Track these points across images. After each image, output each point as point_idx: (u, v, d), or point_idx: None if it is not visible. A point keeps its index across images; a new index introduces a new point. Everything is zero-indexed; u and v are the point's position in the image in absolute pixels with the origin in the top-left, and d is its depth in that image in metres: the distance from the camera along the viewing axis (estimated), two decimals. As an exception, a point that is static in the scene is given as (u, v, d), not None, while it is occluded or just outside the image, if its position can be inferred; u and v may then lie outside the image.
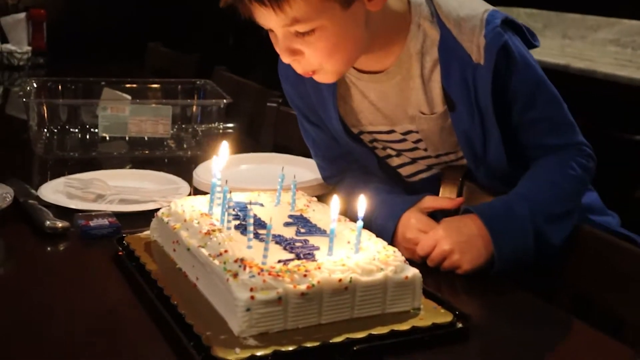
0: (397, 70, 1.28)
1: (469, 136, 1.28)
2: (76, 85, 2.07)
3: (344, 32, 1.15)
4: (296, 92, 1.43)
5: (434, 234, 1.21)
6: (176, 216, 1.12)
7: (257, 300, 0.88)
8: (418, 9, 1.25)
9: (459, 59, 1.22)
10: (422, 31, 1.25)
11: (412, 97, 1.30)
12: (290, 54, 1.18)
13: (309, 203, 1.22)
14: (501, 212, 1.21)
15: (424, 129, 1.32)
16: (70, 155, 1.83)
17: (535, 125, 1.29)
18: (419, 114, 1.31)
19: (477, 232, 1.19)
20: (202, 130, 1.96)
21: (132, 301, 1.05)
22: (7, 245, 1.27)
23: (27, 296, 1.08)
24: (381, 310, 0.97)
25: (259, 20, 1.17)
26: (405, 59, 1.26)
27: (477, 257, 1.19)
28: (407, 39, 1.25)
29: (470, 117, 1.25)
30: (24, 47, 3.20)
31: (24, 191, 1.42)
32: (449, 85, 1.24)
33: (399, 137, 1.37)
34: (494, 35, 1.20)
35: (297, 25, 1.13)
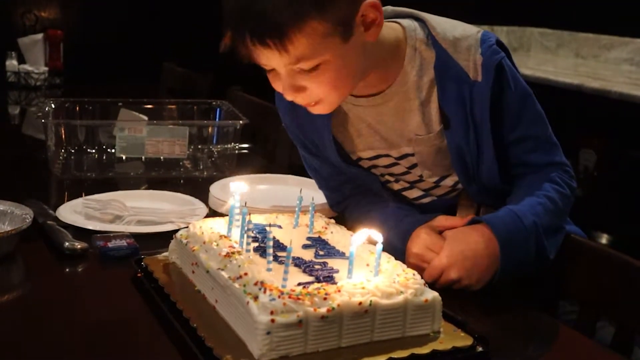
0: (394, 93, 1.30)
1: (462, 153, 1.30)
2: (93, 106, 2.09)
3: (346, 64, 1.18)
4: (293, 122, 1.44)
5: (438, 263, 1.21)
6: (195, 238, 1.13)
7: (278, 324, 0.88)
8: (413, 33, 1.28)
9: (455, 77, 1.25)
10: (418, 54, 1.28)
11: (409, 119, 1.31)
12: (294, 91, 1.20)
13: (327, 225, 1.22)
14: (510, 223, 1.22)
15: (420, 150, 1.34)
16: (87, 175, 1.84)
17: (521, 143, 1.31)
18: (415, 137, 1.32)
19: (484, 251, 1.20)
20: (218, 151, 1.97)
21: (151, 323, 1.05)
22: (27, 266, 1.27)
23: (47, 316, 1.08)
24: (401, 334, 0.97)
25: (261, 61, 1.18)
26: (402, 82, 1.29)
27: (485, 276, 1.21)
28: (405, 62, 1.28)
29: (465, 134, 1.28)
30: (41, 68, 3.23)
31: (42, 212, 1.43)
32: (445, 103, 1.27)
33: (393, 162, 1.38)
34: (491, 52, 1.24)
35: (301, 63, 1.15)
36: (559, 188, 1.30)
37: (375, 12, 1.18)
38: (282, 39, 1.11)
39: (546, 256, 1.25)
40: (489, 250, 1.20)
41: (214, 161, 1.97)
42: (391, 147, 1.36)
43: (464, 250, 1.21)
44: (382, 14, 1.19)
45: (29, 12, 3.90)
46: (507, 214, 1.25)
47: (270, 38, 1.11)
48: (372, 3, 1.17)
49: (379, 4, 1.19)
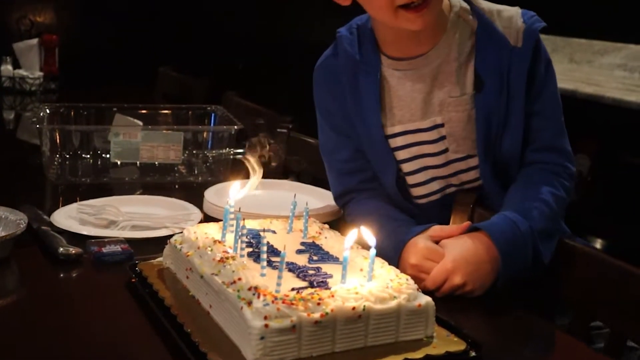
0: (436, 55, 1.35)
1: (490, 119, 1.33)
2: (88, 111, 2.09)
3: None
4: (331, 95, 1.46)
5: (443, 268, 1.21)
6: (189, 243, 1.13)
7: (271, 329, 0.88)
8: (457, 2, 1.37)
9: (495, 43, 1.32)
10: (461, 21, 1.36)
11: (445, 81, 1.36)
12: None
13: (321, 230, 1.22)
14: (508, 232, 1.24)
15: (451, 118, 1.36)
16: (82, 180, 1.84)
17: (534, 117, 1.35)
18: (448, 99, 1.35)
19: (485, 256, 1.21)
20: (212, 156, 1.97)
21: (145, 328, 1.05)
22: (21, 271, 1.27)
23: (41, 322, 1.08)
24: (394, 339, 0.98)
25: None
26: (444, 45, 1.35)
27: (488, 282, 1.22)
28: (448, 26, 1.35)
29: (496, 98, 1.32)
30: (36, 73, 3.24)
31: (37, 217, 1.43)
32: (482, 68, 1.33)
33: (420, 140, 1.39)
34: (533, 20, 1.32)
35: None
36: (554, 191, 1.32)
37: None
38: None
39: (541, 260, 1.25)
40: (490, 256, 1.21)
41: (209, 166, 1.97)
42: (423, 116, 1.38)
43: (467, 256, 1.21)
44: None
45: (24, 17, 3.90)
46: (503, 220, 1.26)
47: None
48: None
49: None
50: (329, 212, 1.56)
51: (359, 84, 1.40)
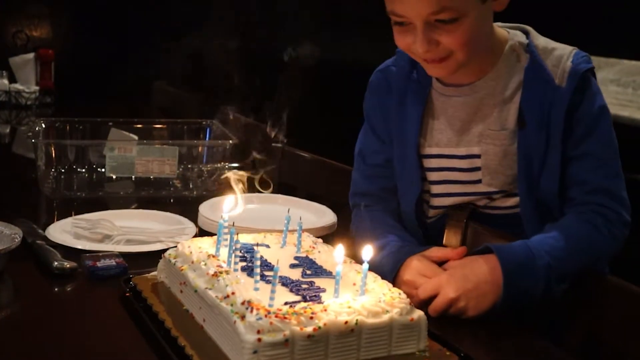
0: (483, 86, 1.36)
1: (531, 157, 1.32)
2: (84, 126, 2.10)
3: (478, 24, 1.26)
4: (379, 102, 1.49)
5: (437, 279, 1.21)
6: (183, 257, 1.13)
7: (264, 343, 0.89)
8: (514, 36, 1.37)
9: (541, 81, 1.31)
10: (514, 54, 1.35)
11: (488, 113, 1.36)
12: (428, 44, 1.25)
13: (315, 244, 1.23)
14: (521, 259, 1.21)
15: (488, 150, 1.36)
16: (77, 195, 1.85)
17: (583, 159, 1.31)
18: (487, 131, 1.35)
19: (487, 276, 1.19)
20: (207, 170, 1.98)
21: (139, 342, 1.05)
22: (16, 285, 1.27)
23: (35, 336, 1.08)
24: (387, 352, 0.98)
25: (401, 9, 1.24)
26: (493, 76, 1.35)
27: (483, 303, 1.19)
28: (501, 58, 1.35)
29: (537, 136, 1.31)
30: (32, 87, 3.25)
31: (32, 232, 1.44)
32: (526, 104, 1.32)
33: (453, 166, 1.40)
34: (581, 61, 1.31)
35: (443, 13, 1.22)
36: (594, 233, 1.28)
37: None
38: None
39: (552, 297, 1.22)
40: (492, 277, 1.19)
41: (204, 180, 1.98)
42: (459, 143, 1.39)
43: (467, 273, 1.21)
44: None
45: (20, 31, 3.91)
46: (520, 247, 1.24)
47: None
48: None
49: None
50: (323, 226, 1.57)
51: (406, 99, 1.43)
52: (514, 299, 1.19)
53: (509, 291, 1.18)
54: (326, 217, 1.64)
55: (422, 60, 1.32)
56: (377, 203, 1.49)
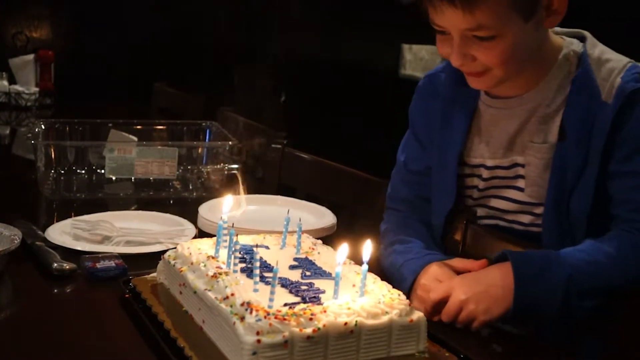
0: (532, 98, 1.31)
1: (564, 170, 1.26)
2: (83, 127, 2.10)
3: (518, 43, 1.21)
4: (424, 107, 1.46)
5: (449, 282, 1.19)
6: (183, 259, 1.14)
7: (264, 344, 0.89)
8: (569, 43, 1.30)
9: (588, 94, 1.25)
10: (567, 66, 1.29)
11: (534, 125, 1.31)
12: (462, 58, 1.23)
13: (314, 245, 1.23)
14: (538, 267, 1.17)
15: (530, 161, 1.31)
16: (76, 196, 1.85)
17: (629, 178, 1.23)
18: (530, 144, 1.31)
19: (499, 280, 1.16)
20: (207, 172, 1.98)
21: (138, 343, 1.05)
22: (15, 287, 1.28)
23: (35, 337, 1.08)
24: (386, 354, 0.98)
25: (439, 20, 1.21)
26: (543, 88, 1.30)
27: (494, 308, 1.15)
28: (552, 70, 1.29)
29: (575, 150, 1.25)
30: (32, 88, 3.25)
31: (31, 233, 1.44)
32: (569, 118, 1.26)
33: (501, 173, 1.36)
34: (631, 79, 1.23)
35: (479, 31, 1.18)
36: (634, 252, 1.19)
37: (562, 3, 1.21)
38: (471, 1, 1.14)
39: (573, 315, 1.16)
40: (503, 282, 1.16)
41: (204, 182, 1.98)
42: (504, 155, 1.35)
43: (479, 277, 1.19)
44: (565, 5, 1.21)
45: (20, 32, 3.91)
46: (540, 254, 1.20)
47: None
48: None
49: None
50: (322, 227, 1.57)
51: (453, 107, 1.39)
52: (527, 308, 1.14)
53: (521, 299, 1.14)
54: (325, 219, 1.64)
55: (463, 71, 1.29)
56: (411, 210, 1.47)
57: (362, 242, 1.07)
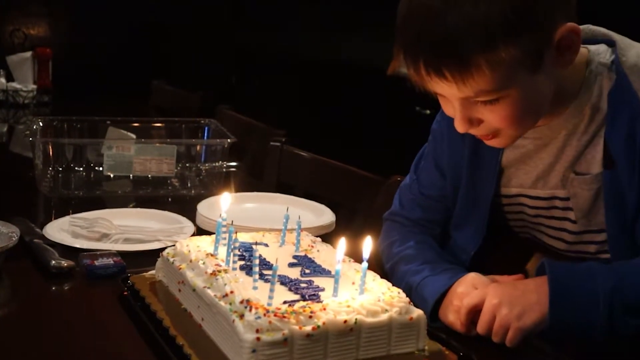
0: (563, 125, 1.14)
1: (623, 199, 1.10)
2: (82, 124, 2.09)
3: (530, 97, 1.05)
4: (449, 150, 1.31)
5: (484, 288, 1.11)
6: (182, 256, 1.13)
7: (263, 342, 0.88)
8: (596, 57, 1.13)
9: (629, 109, 1.08)
10: (598, 81, 1.12)
11: (572, 154, 1.15)
12: (468, 124, 1.08)
13: (314, 243, 1.23)
14: (575, 277, 1.06)
15: (576, 193, 1.16)
16: (74, 194, 1.84)
17: None
18: (572, 176, 1.16)
19: (535, 287, 1.07)
20: (206, 169, 1.98)
21: (137, 341, 1.05)
22: (13, 285, 1.27)
23: (33, 335, 1.08)
24: (386, 352, 0.98)
25: (433, 89, 1.07)
26: (574, 113, 1.13)
27: (529, 313, 1.05)
28: (581, 91, 1.12)
29: (629, 175, 1.09)
30: (30, 86, 3.25)
31: (29, 230, 1.43)
32: (612, 138, 1.09)
33: (542, 204, 1.22)
34: None
35: (481, 96, 1.04)
36: None
37: (574, 37, 1.03)
38: (462, 71, 0.99)
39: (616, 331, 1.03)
40: (540, 289, 1.06)
41: (202, 179, 1.97)
42: (544, 186, 1.20)
43: (516, 284, 1.11)
44: (580, 39, 1.05)
45: (17, 30, 3.91)
46: (581, 266, 1.08)
47: (448, 69, 0.99)
48: (572, 27, 1.02)
49: (579, 29, 1.04)
50: (321, 225, 1.57)
51: (481, 147, 1.23)
52: (565, 320, 1.04)
53: (558, 308, 1.03)
54: (325, 216, 1.64)
55: None
56: (420, 228, 1.37)
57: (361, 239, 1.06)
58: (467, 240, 1.31)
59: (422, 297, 1.18)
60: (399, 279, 1.26)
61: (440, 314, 1.17)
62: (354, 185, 1.92)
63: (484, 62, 0.98)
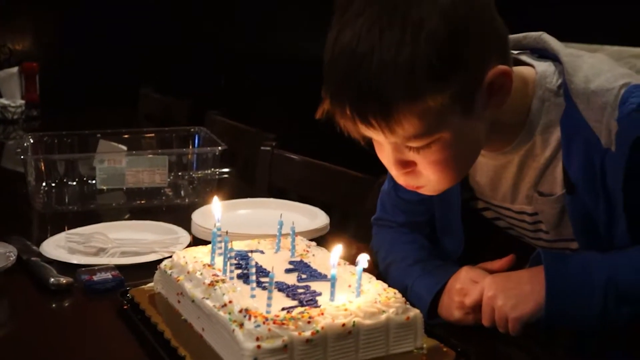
0: (515, 151, 1.14)
1: (592, 220, 1.09)
2: (72, 139, 2.10)
3: (463, 140, 1.03)
4: None
5: (481, 283, 1.12)
6: (179, 268, 1.14)
7: (264, 349, 0.90)
8: (543, 81, 1.10)
9: (584, 139, 1.05)
10: (546, 107, 1.09)
11: (532, 176, 1.15)
12: (401, 167, 1.06)
13: (309, 248, 1.24)
14: (571, 267, 1.06)
15: (543, 210, 1.16)
16: (69, 208, 1.85)
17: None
18: (535, 195, 1.16)
19: (529, 278, 1.07)
20: (198, 177, 1.99)
21: (139, 354, 1.06)
22: (12, 304, 1.28)
23: (35, 353, 1.09)
24: (385, 352, 0.99)
25: (365, 134, 1.03)
26: (525, 139, 1.11)
27: (523, 304, 1.06)
28: (529, 117, 1.10)
29: (593, 202, 1.07)
30: (18, 101, 3.25)
31: (26, 249, 1.44)
32: (571, 168, 1.08)
33: (515, 216, 1.23)
34: (629, 123, 1.01)
35: (411, 142, 1.01)
36: None
37: (505, 79, 1.02)
38: (388, 119, 0.96)
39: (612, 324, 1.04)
40: (535, 279, 1.06)
41: (195, 187, 1.98)
42: (513, 201, 1.20)
43: (510, 275, 1.12)
44: (512, 80, 1.03)
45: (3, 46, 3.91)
46: (576, 256, 1.10)
47: (374, 117, 0.97)
48: (503, 70, 1.01)
49: (510, 71, 1.02)
50: (316, 228, 1.58)
51: None
52: (561, 311, 1.04)
53: (553, 298, 1.04)
54: (318, 219, 1.65)
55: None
56: (406, 228, 1.38)
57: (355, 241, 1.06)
58: (450, 245, 1.31)
59: (417, 295, 1.20)
60: (392, 280, 1.26)
61: (441, 311, 1.18)
62: (346, 186, 1.94)
63: (410, 110, 0.96)
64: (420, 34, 0.93)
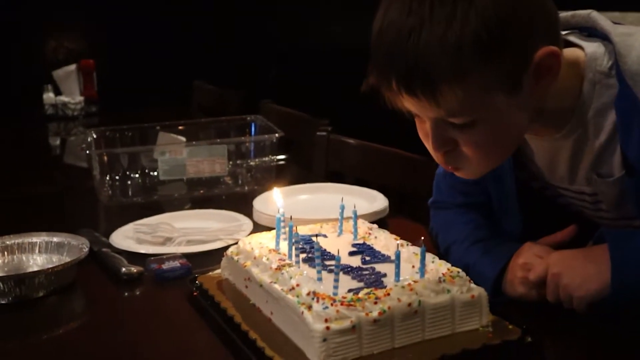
0: (569, 135, 1.11)
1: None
2: (132, 132, 2.15)
3: (506, 122, 1.03)
4: None
5: (546, 259, 1.11)
6: (245, 254, 1.17)
7: (333, 330, 0.92)
8: (593, 63, 1.07)
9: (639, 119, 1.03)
10: (597, 91, 1.06)
11: (587, 159, 1.13)
12: (442, 144, 1.06)
13: (370, 230, 1.26)
14: (636, 244, 1.04)
15: (603, 191, 1.14)
16: (133, 200, 1.90)
17: None
18: (594, 177, 1.13)
19: (595, 257, 1.06)
20: (256, 165, 2.02)
21: (211, 338, 1.09)
22: (87, 294, 1.33)
23: (110, 340, 1.14)
24: (451, 330, 1.00)
25: (408, 107, 1.04)
26: (578, 123, 1.09)
27: (589, 283, 1.04)
28: (580, 101, 1.07)
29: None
30: (77, 98, 3.33)
31: (96, 240, 1.49)
32: (628, 149, 1.05)
33: (575, 196, 1.21)
34: None
35: (454, 118, 1.01)
36: None
37: (553, 60, 1.00)
38: (434, 91, 0.97)
39: None
40: (601, 258, 1.04)
41: (253, 175, 2.01)
42: (571, 182, 1.18)
43: (576, 252, 1.10)
44: (560, 62, 1.01)
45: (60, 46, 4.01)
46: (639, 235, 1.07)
47: (420, 89, 0.97)
48: (552, 51, 0.99)
49: (559, 52, 1.01)
50: (375, 211, 1.59)
51: None
52: (627, 291, 1.02)
53: (619, 277, 1.02)
54: (377, 202, 1.66)
55: None
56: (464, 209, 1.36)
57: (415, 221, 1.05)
58: (509, 225, 1.30)
59: (480, 274, 1.20)
60: (454, 261, 1.24)
61: (506, 287, 1.18)
62: (402, 168, 1.94)
63: (456, 86, 0.96)
64: (470, 10, 0.94)
